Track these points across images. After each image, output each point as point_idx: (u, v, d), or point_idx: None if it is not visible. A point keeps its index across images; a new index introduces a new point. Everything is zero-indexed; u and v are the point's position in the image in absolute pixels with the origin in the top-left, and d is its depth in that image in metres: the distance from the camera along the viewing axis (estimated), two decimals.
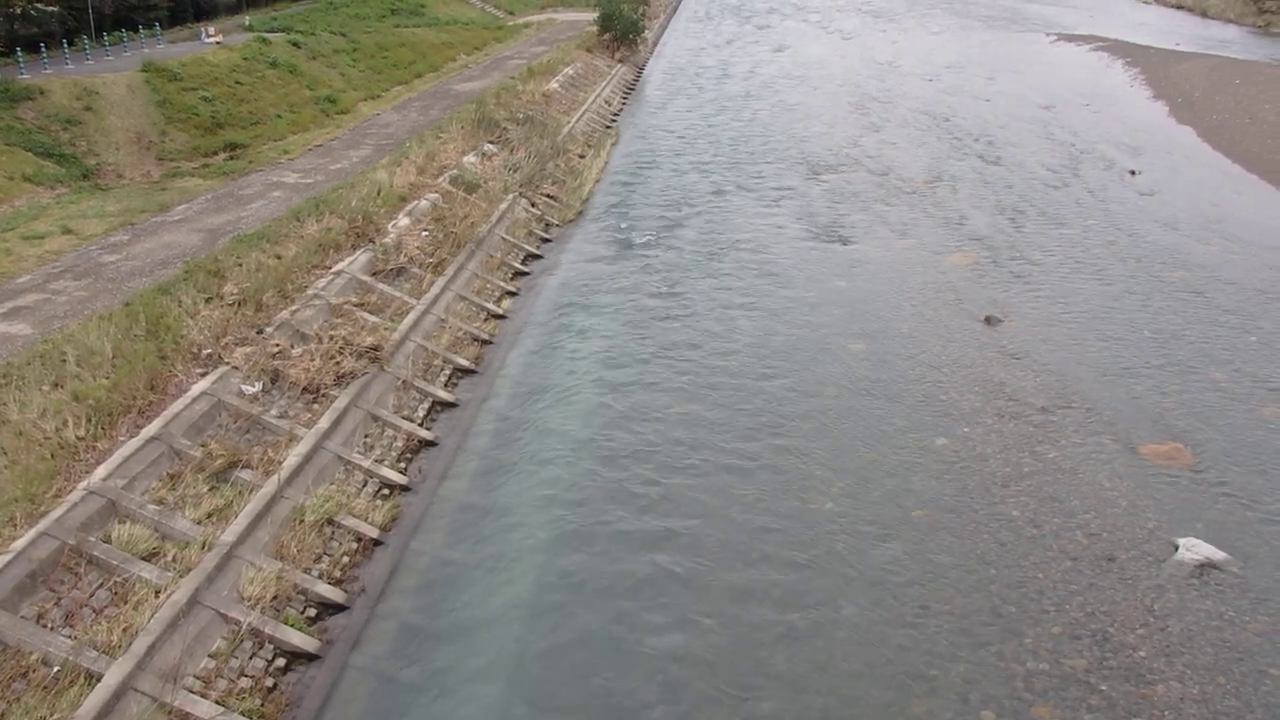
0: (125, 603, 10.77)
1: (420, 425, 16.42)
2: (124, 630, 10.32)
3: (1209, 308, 20.86)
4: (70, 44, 34.65)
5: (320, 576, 12.49)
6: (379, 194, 22.57)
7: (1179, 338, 19.41)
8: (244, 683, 10.72)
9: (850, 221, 26.97)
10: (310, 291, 17.81)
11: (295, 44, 40.20)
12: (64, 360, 14.15)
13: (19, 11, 33.10)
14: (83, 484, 11.79)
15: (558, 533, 13.62)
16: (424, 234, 21.75)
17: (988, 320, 20.27)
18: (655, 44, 61.82)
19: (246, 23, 44.31)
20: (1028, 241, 25.19)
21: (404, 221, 21.94)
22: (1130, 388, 17.36)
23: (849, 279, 22.74)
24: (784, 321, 20.42)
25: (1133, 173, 31.58)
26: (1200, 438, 15.69)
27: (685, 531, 13.57)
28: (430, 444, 16.05)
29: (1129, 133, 36.89)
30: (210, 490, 12.71)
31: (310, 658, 11.37)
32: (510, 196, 26.60)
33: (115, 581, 11.00)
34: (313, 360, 15.82)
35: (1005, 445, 15.60)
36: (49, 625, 10.23)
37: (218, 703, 10.25)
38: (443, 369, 18.32)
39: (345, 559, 13.01)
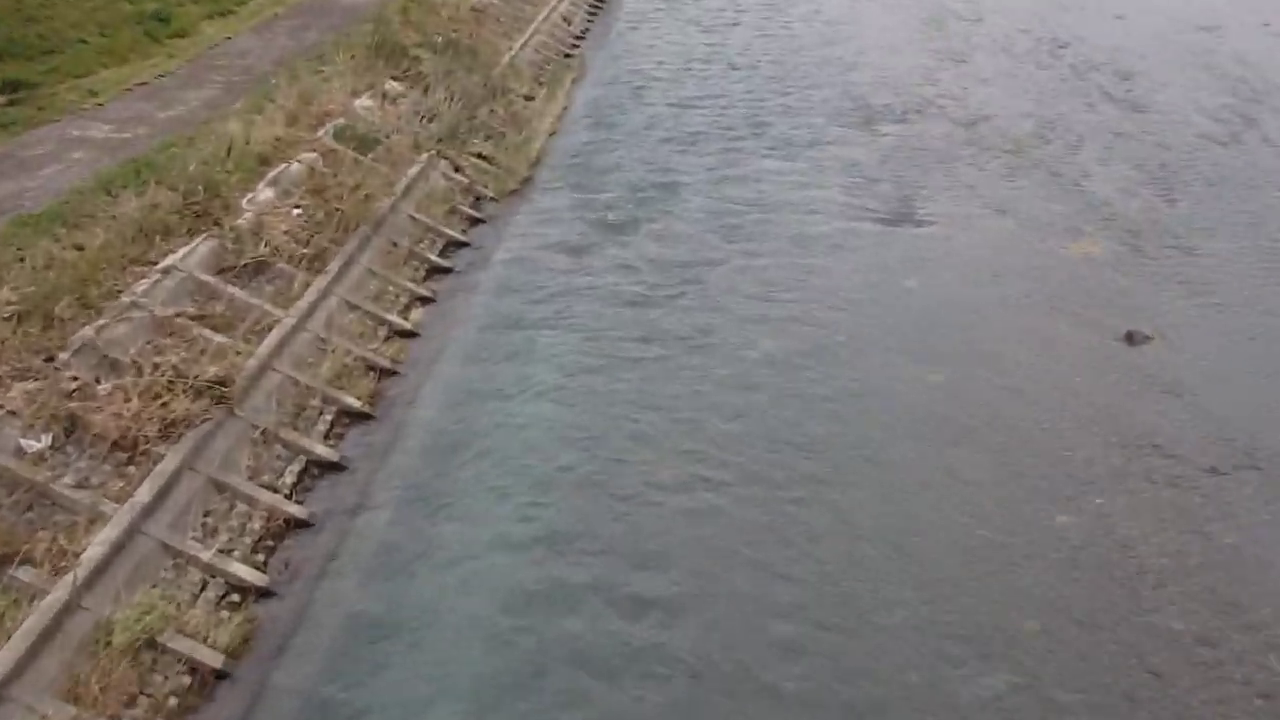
0: None
1: (288, 497, 16.28)
2: None
3: None
4: None
5: None
6: (229, 155, 22.43)
7: None
8: None
9: (923, 193, 27.03)
10: (126, 298, 17.55)
11: None
12: None
13: None
14: None
15: (488, 671, 13.47)
16: (295, 213, 21.66)
17: (1129, 338, 20.35)
18: None
19: None
20: (1185, 223, 25.33)
21: (266, 195, 21.85)
22: None
23: (922, 277, 22.74)
24: (827, 339, 20.41)
25: None
26: None
27: (686, 659, 13.49)
28: (302, 525, 15.90)
29: None
30: None
31: None
32: (424, 157, 26.50)
33: None
34: (128, 401, 15.58)
35: (1160, 524, 15.57)
36: None
37: None
38: (322, 413, 18.19)
39: (173, 700, 12.72)
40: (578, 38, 41.83)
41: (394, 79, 30.16)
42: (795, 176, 28.11)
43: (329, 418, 18.14)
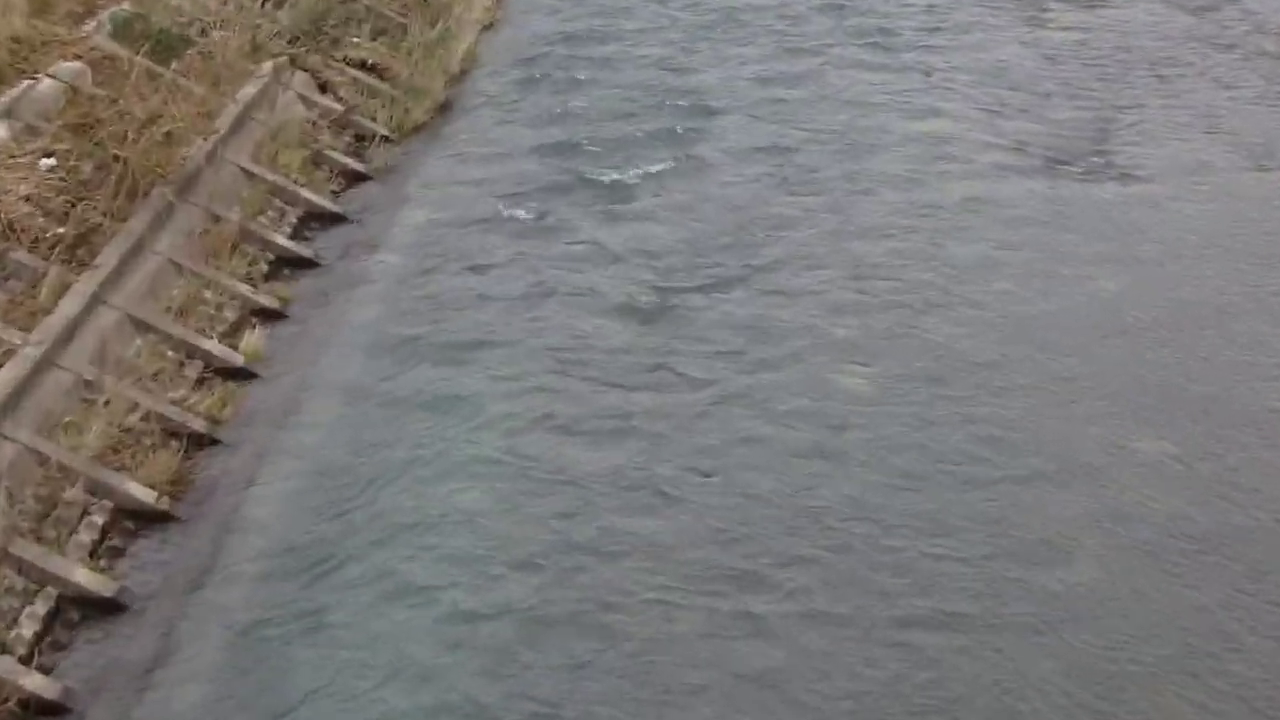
0: None
1: (25, 662, 15.84)
2: None
3: None
4: None
5: None
6: None
7: None
8: None
9: (1125, 123, 27.22)
10: None
11: None
12: None
13: None
14: None
15: None
16: (45, 164, 21.54)
17: None
18: None
19: None
20: None
21: None
22: None
23: (1129, 272, 22.70)
24: (964, 375, 20.41)
25: None
26: None
27: None
28: (54, 709, 15.48)
29: None
30: None
31: None
32: (268, 68, 26.74)
33: None
34: None
35: None
36: None
37: None
38: (88, 512, 17.74)
39: None
40: None
41: None
42: (902, 90, 28.40)
43: (100, 520, 17.89)
